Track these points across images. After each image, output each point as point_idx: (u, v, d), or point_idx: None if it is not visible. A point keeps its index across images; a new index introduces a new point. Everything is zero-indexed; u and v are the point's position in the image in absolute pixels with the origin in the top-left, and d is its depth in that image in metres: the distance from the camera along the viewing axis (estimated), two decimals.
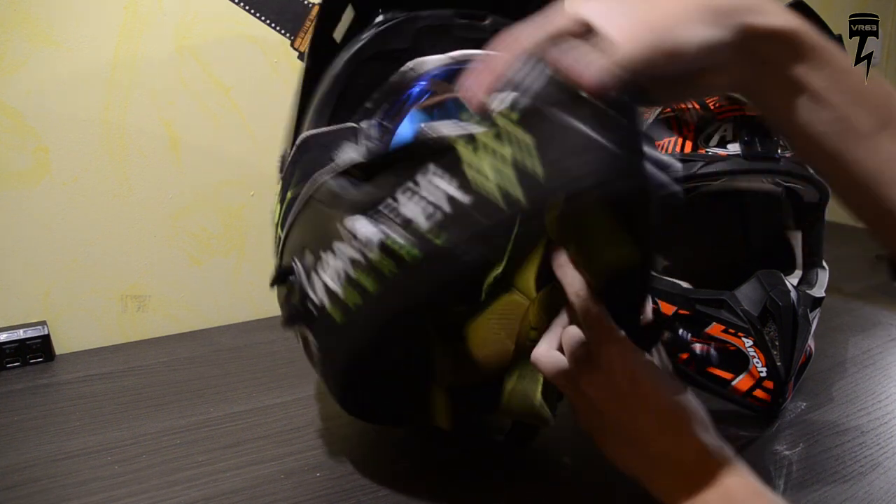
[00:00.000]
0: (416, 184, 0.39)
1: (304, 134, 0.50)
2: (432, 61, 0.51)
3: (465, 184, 0.37)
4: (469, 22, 0.54)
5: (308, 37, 0.86)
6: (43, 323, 0.79)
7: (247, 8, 0.87)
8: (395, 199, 0.40)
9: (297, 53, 0.92)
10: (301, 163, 0.50)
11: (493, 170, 0.36)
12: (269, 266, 0.96)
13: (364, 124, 0.50)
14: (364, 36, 0.52)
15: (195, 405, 0.68)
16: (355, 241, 0.42)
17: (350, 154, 0.47)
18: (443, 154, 0.38)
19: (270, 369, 0.76)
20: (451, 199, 0.37)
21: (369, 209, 0.41)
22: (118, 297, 0.85)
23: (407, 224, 0.39)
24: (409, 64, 0.52)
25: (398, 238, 0.40)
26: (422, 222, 0.39)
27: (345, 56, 0.52)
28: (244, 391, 0.71)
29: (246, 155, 0.91)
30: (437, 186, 0.38)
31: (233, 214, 0.92)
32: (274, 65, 0.90)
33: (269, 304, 0.96)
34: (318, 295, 0.46)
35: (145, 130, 0.83)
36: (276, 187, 0.55)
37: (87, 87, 0.78)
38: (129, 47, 0.80)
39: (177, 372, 0.76)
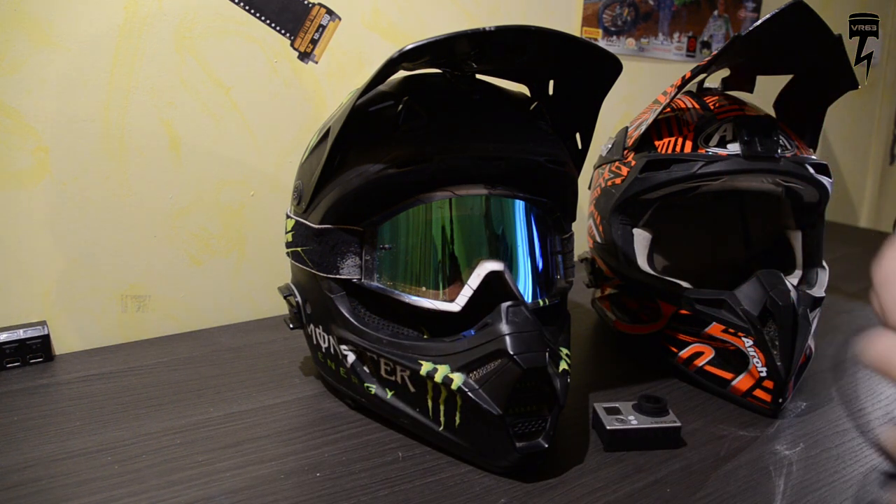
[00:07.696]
0: None
1: None
2: None
3: None
4: None
5: (308, 37, 0.86)
6: (43, 323, 0.79)
7: (247, 8, 0.87)
8: None
9: (297, 53, 0.92)
10: None
11: None
12: (268, 266, 0.96)
13: None
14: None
15: (195, 405, 0.68)
16: None
17: None
18: None
19: (270, 369, 0.76)
20: None
21: None
22: (118, 297, 0.85)
23: None
24: None
25: None
26: None
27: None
28: (244, 391, 0.71)
29: (246, 155, 0.91)
30: None
31: (233, 214, 0.92)
32: (274, 65, 0.90)
33: (269, 304, 0.96)
34: None
35: (145, 130, 0.83)
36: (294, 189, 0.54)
37: (87, 87, 0.78)
38: (129, 47, 0.80)
39: (177, 372, 0.76)
